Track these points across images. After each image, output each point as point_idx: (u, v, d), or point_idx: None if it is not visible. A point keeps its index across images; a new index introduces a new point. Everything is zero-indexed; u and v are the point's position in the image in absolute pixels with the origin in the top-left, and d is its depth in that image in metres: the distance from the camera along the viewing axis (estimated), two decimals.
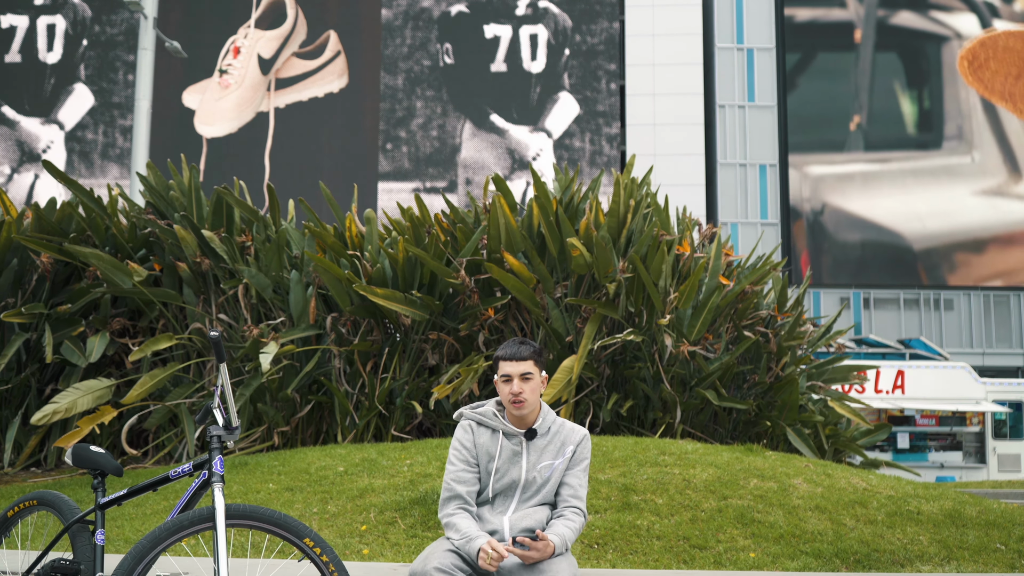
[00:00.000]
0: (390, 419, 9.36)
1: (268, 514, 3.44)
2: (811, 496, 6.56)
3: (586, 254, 9.10)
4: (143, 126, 17.41)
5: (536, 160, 33.26)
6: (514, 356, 3.74)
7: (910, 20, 36.08)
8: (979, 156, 34.93)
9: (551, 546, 3.56)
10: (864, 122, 35.45)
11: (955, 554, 5.78)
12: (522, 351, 3.75)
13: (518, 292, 9.13)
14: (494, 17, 34.88)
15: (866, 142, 35.23)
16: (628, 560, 5.61)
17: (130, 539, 6.04)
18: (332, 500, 6.55)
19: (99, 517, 3.83)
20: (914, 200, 34.73)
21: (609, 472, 6.89)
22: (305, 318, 9.47)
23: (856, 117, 35.35)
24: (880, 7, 35.95)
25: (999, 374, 29.95)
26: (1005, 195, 34.95)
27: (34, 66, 35.07)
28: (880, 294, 33.55)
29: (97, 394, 9.16)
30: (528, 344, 3.79)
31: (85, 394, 9.05)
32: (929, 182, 34.81)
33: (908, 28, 36.07)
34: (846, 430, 11.03)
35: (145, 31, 17.69)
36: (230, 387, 3.64)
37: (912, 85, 35.66)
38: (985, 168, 34.95)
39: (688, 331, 9.43)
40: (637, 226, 10.00)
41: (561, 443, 3.82)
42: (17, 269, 9.81)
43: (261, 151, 34.34)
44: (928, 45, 35.77)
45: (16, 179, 34.21)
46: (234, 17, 35.33)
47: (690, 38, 34.54)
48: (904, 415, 22.99)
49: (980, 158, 34.94)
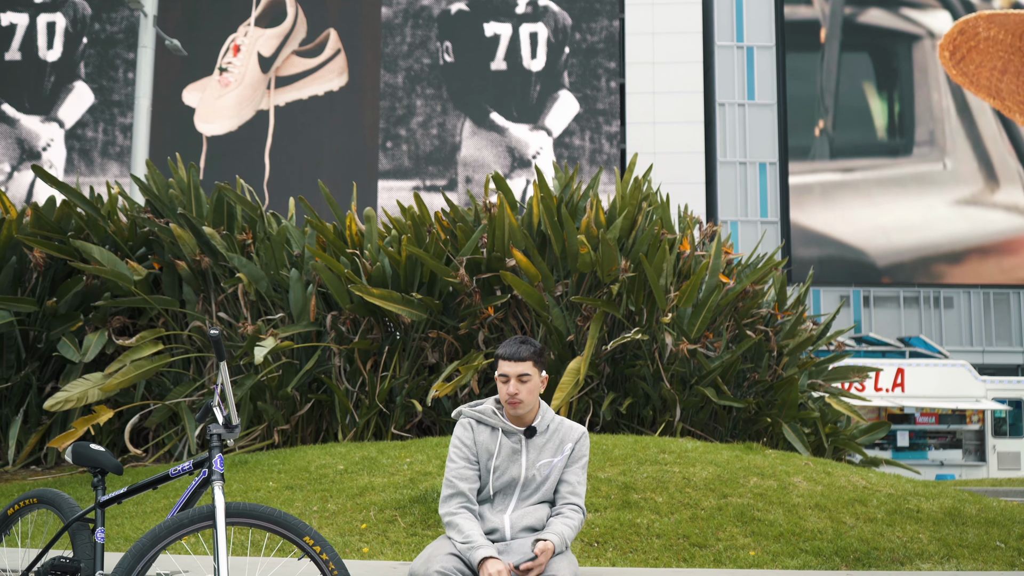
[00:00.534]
0: (390, 417, 9.36)
1: (268, 512, 3.44)
2: (811, 494, 6.56)
3: (592, 252, 9.11)
4: (143, 124, 17.41)
5: (536, 158, 33.27)
6: (513, 356, 3.73)
7: (879, 18, 34.63)
8: (952, 163, 33.18)
9: (550, 548, 3.55)
10: (829, 127, 34.07)
11: (955, 552, 5.78)
12: (521, 352, 3.74)
13: (526, 295, 9.12)
14: (494, 15, 34.87)
15: (832, 148, 33.89)
16: (628, 558, 5.62)
17: (130, 537, 6.04)
18: (332, 498, 6.56)
19: (99, 515, 3.83)
20: (880, 213, 32.94)
21: (609, 470, 6.89)
22: (305, 316, 9.47)
23: (821, 122, 34.14)
24: (847, 4, 34.70)
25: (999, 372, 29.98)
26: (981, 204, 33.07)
27: (34, 64, 35.06)
28: (880, 292, 33.54)
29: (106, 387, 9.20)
30: (529, 344, 3.77)
31: (94, 385, 9.09)
32: (897, 192, 33.01)
33: (877, 26, 34.56)
34: (846, 428, 11.03)
35: (145, 29, 17.68)
36: (230, 385, 3.64)
37: (881, 87, 34.01)
38: (959, 176, 33.15)
39: (688, 329, 9.43)
40: (640, 225, 10.01)
41: (560, 441, 3.82)
42: (16, 267, 9.81)
43: (261, 149, 34.34)
44: (898, 44, 34.21)
45: (16, 177, 34.21)
46: (234, 15, 35.31)
47: (690, 36, 34.53)
48: (904, 413, 23.00)
49: (953, 165, 33.19)
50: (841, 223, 33.27)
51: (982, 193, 33.20)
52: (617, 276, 9.23)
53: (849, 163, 33.80)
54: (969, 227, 32.90)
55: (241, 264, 9.43)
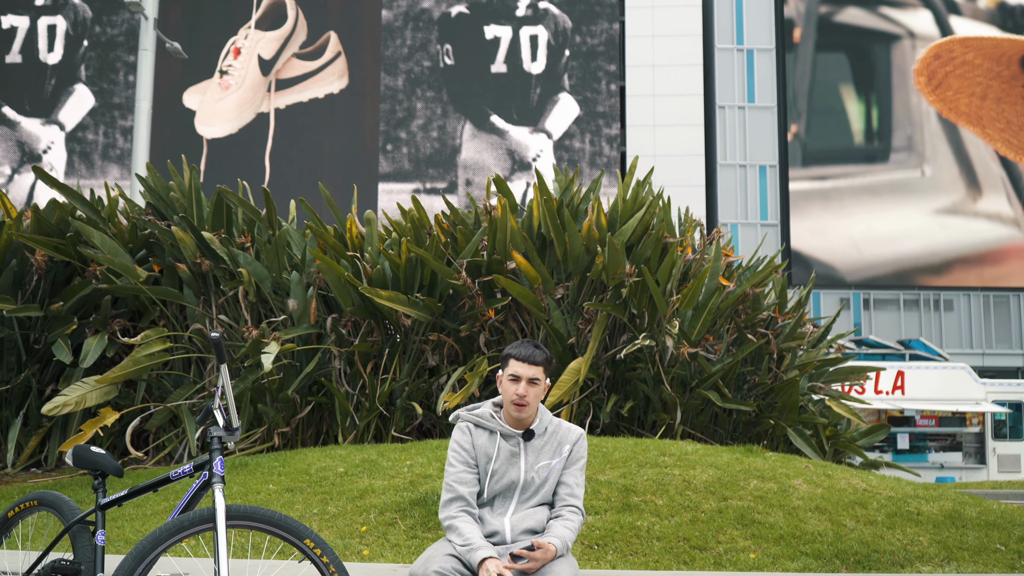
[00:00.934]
0: (390, 420, 9.36)
1: (268, 515, 3.44)
2: (811, 497, 6.56)
3: (604, 257, 9.11)
4: (143, 127, 17.41)
5: (536, 161, 33.28)
6: (528, 359, 3.74)
7: (857, 17, 33.56)
8: (932, 170, 31.70)
9: (552, 550, 3.56)
10: (802, 132, 33.07)
11: (955, 555, 5.78)
12: (536, 355, 3.76)
13: (521, 296, 9.13)
14: (494, 18, 34.89)
15: (804, 154, 32.95)
16: (628, 561, 5.62)
17: (131, 540, 6.04)
18: (332, 501, 6.56)
19: (100, 518, 3.83)
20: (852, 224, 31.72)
21: (609, 473, 6.89)
22: (306, 319, 9.48)
23: (793, 126, 33.31)
24: (823, 3, 33.93)
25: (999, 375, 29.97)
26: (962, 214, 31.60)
27: (35, 67, 35.08)
28: (880, 295, 33.54)
29: (105, 390, 9.18)
30: (542, 350, 3.80)
31: (93, 389, 9.08)
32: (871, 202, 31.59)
33: (855, 26, 33.40)
34: (846, 431, 11.03)
35: (146, 32, 17.70)
36: (231, 388, 3.64)
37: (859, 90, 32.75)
38: (939, 184, 31.73)
39: (689, 332, 9.44)
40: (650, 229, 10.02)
41: (558, 443, 3.83)
42: (17, 270, 9.81)
43: (261, 152, 34.35)
44: (876, 45, 33.01)
45: (16, 180, 34.22)
46: (234, 18, 35.34)
47: (690, 39, 34.55)
48: (904, 416, 23.00)
49: (933, 172, 31.70)
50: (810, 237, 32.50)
51: (964, 201, 32.07)
52: (622, 280, 9.23)
53: (821, 171, 32.75)
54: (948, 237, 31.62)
55: (247, 262, 9.42)
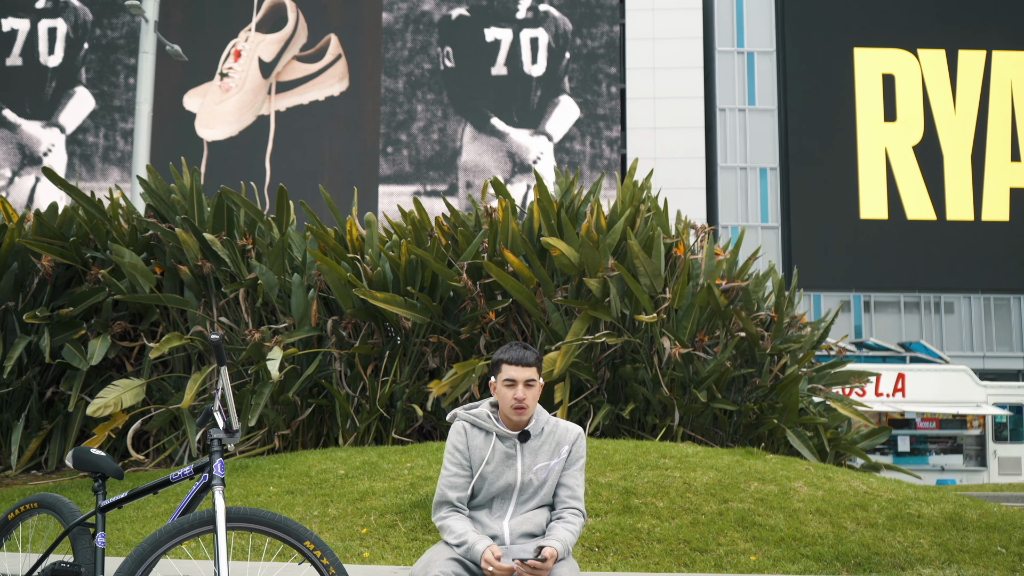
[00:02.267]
0: (391, 422, 9.36)
1: (268, 517, 3.44)
2: (812, 499, 6.56)
3: (571, 254, 9.08)
4: (144, 129, 17.42)
5: (537, 163, 33.30)
6: (520, 361, 3.72)
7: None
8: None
9: (555, 553, 3.55)
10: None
11: (956, 557, 5.78)
12: (527, 357, 3.73)
13: (517, 293, 9.13)
14: (495, 21, 34.91)
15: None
16: (629, 563, 5.61)
17: (131, 542, 6.04)
18: (333, 503, 6.56)
19: (100, 520, 3.83)
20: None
21: (610, 475, 6.89)
22: (307, 321, 9.48)
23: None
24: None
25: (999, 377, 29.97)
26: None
27: (35, 69, 35.12)
28: (880, 297, 33.53)
29: (134, 391, 9.29)
30: (531, 349, 3.78)
31: (125, 391, 9.20)
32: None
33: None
34: (847, 433, 11.02)
35: (146, 34, 17.71)
36: (231, 390, 3.64)
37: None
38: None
39: (680, 332, 9.42)
40: (638, 227, 10.02)
41: (556, 443, 3.80)
42: (18, 272, 9.82)
43: (262, 154, 34.37)
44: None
45: (17, 182, 34.25)
46: (235, 20, 35.37)
47: (690, 42, 34.56)
48: (904, 418, 22.99)
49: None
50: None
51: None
52: (595, 273, 9.19)
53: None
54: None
55: (261, 272, 9.45)
